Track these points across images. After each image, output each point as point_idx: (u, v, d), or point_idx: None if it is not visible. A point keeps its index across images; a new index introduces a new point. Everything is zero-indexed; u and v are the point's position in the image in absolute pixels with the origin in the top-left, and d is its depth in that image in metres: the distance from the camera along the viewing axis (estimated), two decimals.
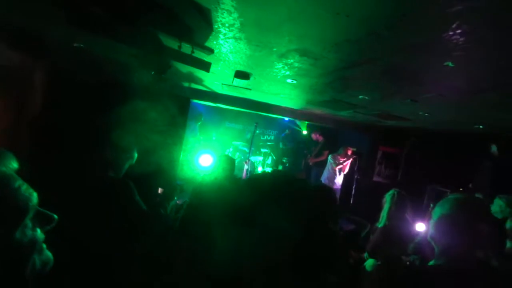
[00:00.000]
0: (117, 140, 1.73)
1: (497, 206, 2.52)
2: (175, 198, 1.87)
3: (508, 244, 1.92)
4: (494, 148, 3.33)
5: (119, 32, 1.77)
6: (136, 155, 1.73)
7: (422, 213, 3.53)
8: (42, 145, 2.13)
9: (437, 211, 1.07)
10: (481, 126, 3.30)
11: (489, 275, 0.99)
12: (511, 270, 1.09)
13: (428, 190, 4.48)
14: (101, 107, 2.48)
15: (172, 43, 1.91)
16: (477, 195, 3.14)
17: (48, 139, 2.11)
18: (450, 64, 1.62)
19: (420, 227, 2.62)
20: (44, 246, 0.42)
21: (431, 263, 1.11)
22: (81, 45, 2.82)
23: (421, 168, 4.78)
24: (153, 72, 2.22)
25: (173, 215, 1.89)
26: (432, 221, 1.08)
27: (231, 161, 2.05)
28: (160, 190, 1.87)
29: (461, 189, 3.93)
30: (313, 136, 6.07)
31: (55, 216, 0.42)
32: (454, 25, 1.18)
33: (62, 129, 2.16)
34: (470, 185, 3.70)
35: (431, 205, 3.04)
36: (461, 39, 1.30)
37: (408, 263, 2.38)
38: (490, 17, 1.09)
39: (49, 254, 0.42)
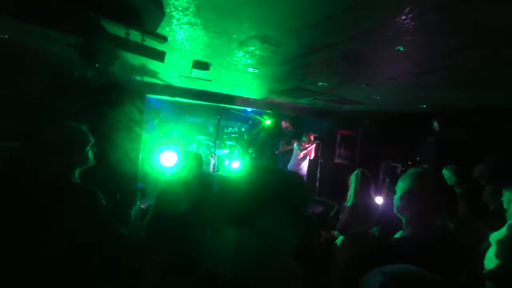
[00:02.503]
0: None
1: (444, 175, 2.86)
2: (138, 203, 1.71)
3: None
4: (435, 124, 3.74)
5: (50, 17, 1.51)
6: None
7: (379, 188, 3.85)
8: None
9: (400, 185, 1.13)
10: (424, 106, 3.67)
11: (448, 239, 1.09)
12: (467, 234, 1.24)
13: (382, 166, 4.90)
14: (45, 106, 2.10)
15: (118, 30, 1.69)
16: (424, 166, 3.52)
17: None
18: (401, 48, 1.72)
19: (379, 200, 2.85)
20: None
21: (397, 234, 1.19)
22: (5, 36, 2.37)
23: (375, 147, 5.18)
24: (97, 65, 1.96)
25: (138, 222, 1.73)
26: (396, 196, 1.14)
27: (198, 158, 1.94)
28: (118, 196, 1.68)
29: (409, 162, 4.36)
30: (283, 124, 6.16)
31: None
32: (407, 9, 1.23)
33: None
34: (418, 159, 4.14)
35: (387, 180, 3.32)
36: (412, 23, 1.37)
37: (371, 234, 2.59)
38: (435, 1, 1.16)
39: None
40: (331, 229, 2.92)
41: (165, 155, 3.53)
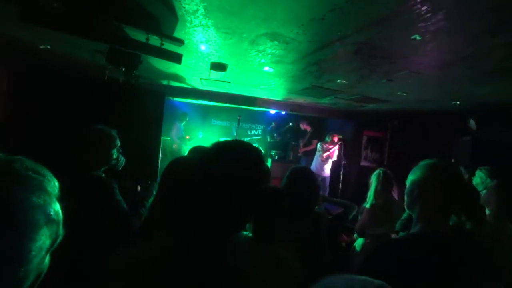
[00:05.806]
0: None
1: (478, 177, 2.59)
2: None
3: (486, 211, 1.97)
4: (472, 123, 3.42)
5: (80, 26, 1.70)
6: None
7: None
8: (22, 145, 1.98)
9: (409, 178, 1.06)
10: (458, 102, 3.38)
11: (462, 237, 1.00)
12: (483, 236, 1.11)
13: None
14: (74, 106, 2.35)
15: (139, 36, 1.86)
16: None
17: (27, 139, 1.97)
18: (418, 37, 1.63)
19: None
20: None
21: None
22: (48, 47, 2.71)
23: (405, 149, 4.87)
24: (123, 69, 2.15)
25: None
26: (406, 190, 1.07)
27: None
28: (138, 188, 1.82)
29: None
30: (301, 126, 6.10)
31: None
32: None
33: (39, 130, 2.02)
34: (453, 160, 3.80)
35: None
36: (423, 8, 1.31)
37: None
38: None
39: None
40: (353, 233, 2.80)
41: None
